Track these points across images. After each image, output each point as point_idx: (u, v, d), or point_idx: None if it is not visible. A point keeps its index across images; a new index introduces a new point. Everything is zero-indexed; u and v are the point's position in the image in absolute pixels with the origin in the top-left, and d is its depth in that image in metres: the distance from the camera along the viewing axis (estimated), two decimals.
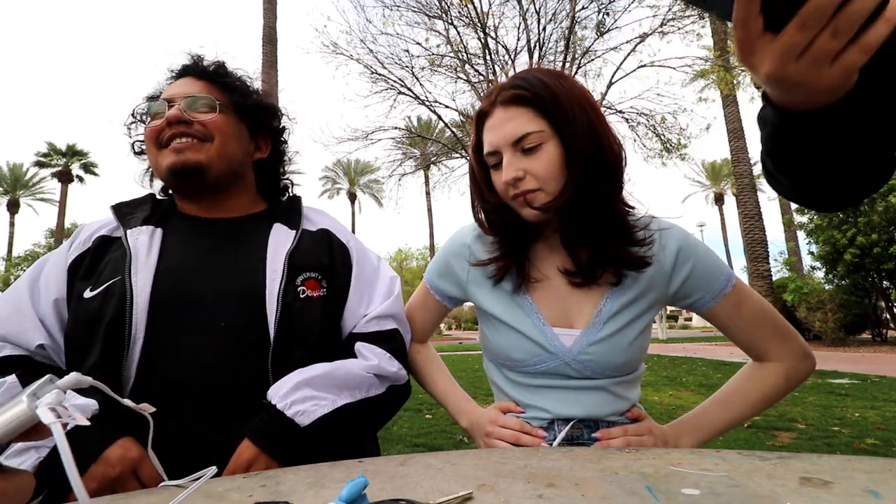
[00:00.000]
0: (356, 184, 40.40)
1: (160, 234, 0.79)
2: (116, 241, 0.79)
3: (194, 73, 0.87)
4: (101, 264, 0.77)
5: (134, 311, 0.69)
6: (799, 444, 3.02)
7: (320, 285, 0.80)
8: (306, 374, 0.71)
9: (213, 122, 0.82)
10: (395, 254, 44.89)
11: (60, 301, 0.75)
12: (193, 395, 0.69)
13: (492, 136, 0.76)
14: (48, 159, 32.55)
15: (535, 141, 0.73)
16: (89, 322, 0.70)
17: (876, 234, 10.30)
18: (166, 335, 0.70)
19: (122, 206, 0.86)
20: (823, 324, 11.40)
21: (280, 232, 0.83)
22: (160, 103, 0.82)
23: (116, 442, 0.62)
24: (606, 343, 0.77)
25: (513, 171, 0.73)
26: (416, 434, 3.50)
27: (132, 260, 0.74)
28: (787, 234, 21.71)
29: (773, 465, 0.48)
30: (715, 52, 10.41)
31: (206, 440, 0.67)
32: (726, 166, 39.62)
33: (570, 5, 9.40)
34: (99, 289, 0.72)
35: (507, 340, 0.83)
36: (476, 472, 0.48)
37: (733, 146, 14.56)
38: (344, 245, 0.89)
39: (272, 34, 11.36)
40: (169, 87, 0.85)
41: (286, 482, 0.47)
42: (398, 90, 10.38)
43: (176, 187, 0.86)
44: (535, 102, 0.73)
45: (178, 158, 0.79)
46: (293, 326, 0.74)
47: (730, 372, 7.06)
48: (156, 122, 0.81)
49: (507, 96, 0.74)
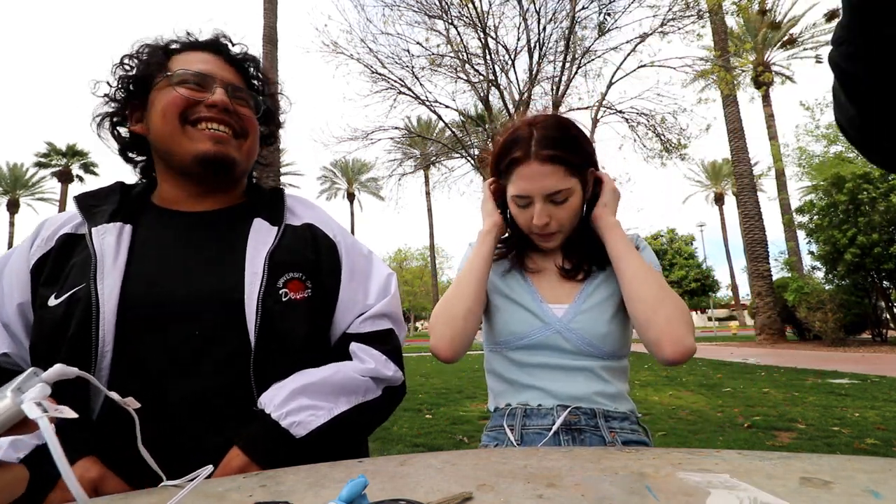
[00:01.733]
0: (354, 182, 40.41)
1: (129, 232, 0.72)
2: (81, 241, 0.71)
3: (228, 57, 0.81)
4: (66, 267, 0.70)
5: (101, 322, 0.63)
6: (799, 444, 3.02)
7: (304, 286, 0.74)
8: (302, 381, 0.67)
9: (251, 120, 0.79)
10: (395, 254, 44.92)
11: (25, 305, 0.69)
12: (169, 408, 0.64)
13: (528, 185, 0.87)
14: (48, 159, 32.58)
15: (565, 196, 0.87)
16: (53, 333, 0.64)
17: (876, 234, 10.30)
18: (137, 346, 0.65)
19: (87, 196, 0.76)
20: (823, 324, 11.39)
21: (261, 228, 0.77)
22: (198, 76, 0.75)
23: (76, 463, 0.58)
24: (590, 314, 0.91)
25: (545, 219, 0.88)
26: (416, 434, 3.51)
27: (98, 264, 0.67)
28: (787, 234, 21.72)
29: (773, 465, 0.48)
30: (715, 52, 10.41)
31: (183, 453, 0.62)
32: (726, 166, 39.65)
33: (570, 5, 9.40)
34: (63, 296, 0.66)
35: (508, 314, 0.94)
36: (476, 472, 0.48)
37: (733, 146, 14.57)
38: (330, 240, 0.82)
39: (272, 34, 11.36)
40: (197, 58, 0.78)
41: (286, 482, 0.47)
42: (398, 90, 10.39)
43: (191, 173, 0.77)
44: (568, 163, 0.85)
45: (217, 149, 0.74)
46: (275, 333, 0.69)
47: (730, 372, 7.09)
48: (190, 93, 0.73)
49: (545, 154, 0.85)
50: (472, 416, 4.17)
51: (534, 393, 0.89)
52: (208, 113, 0.74)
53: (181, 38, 0.81)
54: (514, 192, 0.89)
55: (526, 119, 0.91)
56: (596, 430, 0.85)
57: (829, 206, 11.37)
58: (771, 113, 23.10)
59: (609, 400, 0.88)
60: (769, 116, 23.09)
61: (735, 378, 6.38)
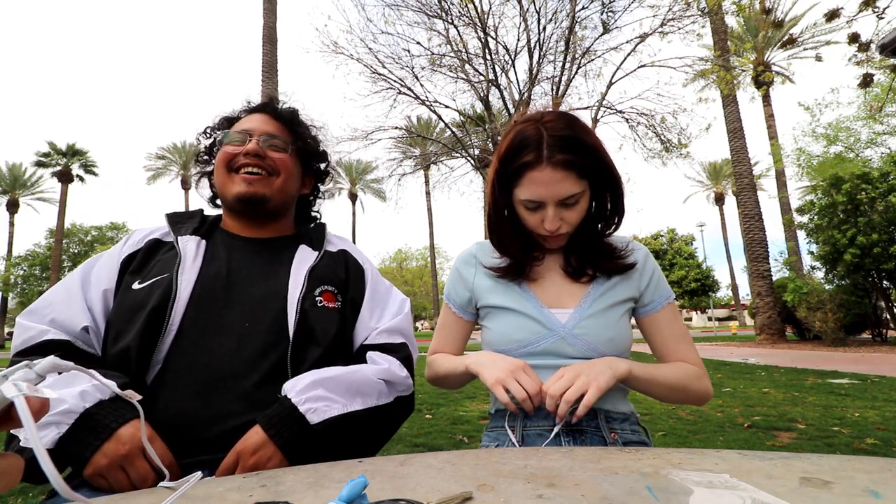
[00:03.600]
0: (358, 182, 40.38)
1: (204, 245, 0.90)
2: (167, 245, 0.89)
3: (273, 113, 0.99)
4: (151, 262, 0.86)
5: (176, 304, 0.77)
6: (799, 444, 3.02)
7: (336, 298, 0.89)
8: (321, 375, 0.75)
9: (282, 161, 0.94)
10: (395, 254, 44.93)
11: (109, 291, 0.83)
12: (214, 385, 0.74)
13: (538, 191, 0.85)
14: (48, 159, 32.56)
15: (577, 199, 0.86)
16: (133, 308, 0.78)
17: (876, 234, 10.29)
18: (198, 330, 0.78)
19: (175, 216, 0.96)
20: (823, 324, 11.39)
21: (305, 251, 0.94)
22: (241, 134, 0.93)
23: (130, 422, 0.65)
24: (596, 318, 0.90)
25: (556, 223, 0.87)
26: (416, 434, 3.50)
27: (181, 261, 0.83)
28: (787, 234, 21.72)
29: (773, 465, 0.48)
30: (715, 52, 10.41)
31: (221, 427, 0.72)
32: (726, 166, 39.67)
33: (570, 5, 9.40)
34: (147, 282, 0.81)
35: (509, 324, 0.93)
36: (476, 472, 0.48)
37: (733, 146, 14.56)
38: (360, 265, 0.98)
39: (272, 34, 11.37)
40: (247, 119, 0.97)
41: (286, 482, 0.47)
42: (398, 90, 10.38)
43: (237, 210, 0.95)
44: (580, 168, 0.84)
45: (248, 189, 0.90)
46: (310, 328, 0.82)
47: (730, 372, 7.09)
48: (232, 148, 0.92)
49: (558, 160, 0.82)
50: (472, 416, 4.17)
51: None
52: (245, 160, 0.91)
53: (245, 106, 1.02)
54: (525, 196, 0.86)
55: (531, 115, 0.88)
56: (597, 431, 0.85)
57: (829, 206, 11.37)
58: (771, 113, 23.10)
59: (610, 400, 0.88)
60: (769, 116, 23.09)
61: (735, 378, 6.38)
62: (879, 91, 11.75)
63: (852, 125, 14.29)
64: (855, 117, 14.14)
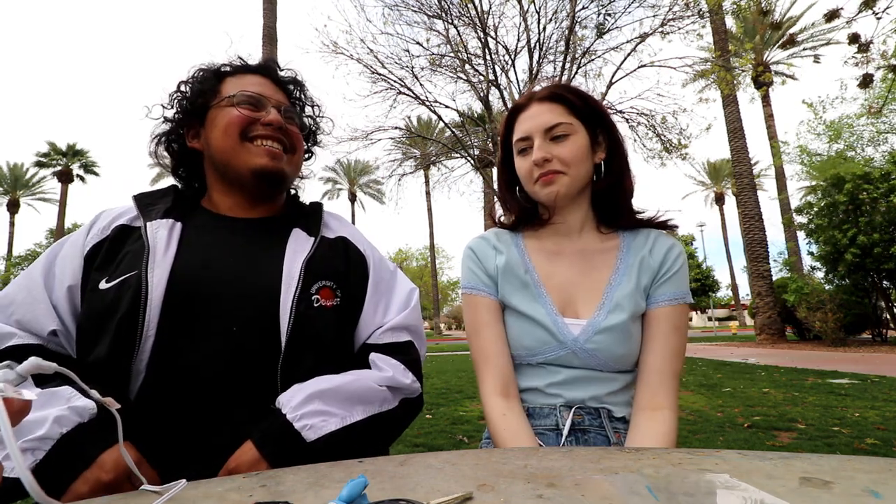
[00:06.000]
0: (356, 183, 40.39)
1: (179, 228, 0.78)
2: (135, 232, 0.77)
3: (276, 79, 0.90)
4: (118, 255, 0.75)
5: (148, 308, 0.68)
6: (799, 444, 3.02)
7: (334, 294, 0.80)
8: (320, 386, 0.69)
9: (298, 137, 0.88)
10: (396, 254, 44.93)
11: (74, 288, 0.74)
12: (201, 395, 0.68)
13: (526, 125, 0.86)
14: (48, 159, 32.56)
15: (565, 131, 0.84)
16: (102, 314, 0.69)
17: (877, 234, 10.29)
18: (178, 334, 0.69)
19: (144, 196, 0.84)
20: (823, 324, 11.38)
21: (299, 237, 0.83)
22: (254, 97, 0.83)
23: (114, 446, 0.60)
24: (608, 333, 0.84)
25: (542, 153, 0.84)
26: (416, 434, 3.50)
27: (150, 254, 0.72)
28: (787, 234, 21.72)
29: (773, 465, 0.48)
30: (715, 52, 10.40)
31: (208, 440, 0.67)
32: (726, 166, 39.62)
33: (570, 5, 9.39)
34: (114, 281, 0.71)
35: (521, 329, 0.89)
36: (476, 472, 0.48)
37: (733, 146, 14.56)
38: (361, 253, 0.88)
39: (272, 34, 11.36)
40: (249, 81, 0.86)
41: (286, 482, 0.47)
42: (398, 90, 10.37)
43: (244, 184, 0.83)
44: (569, 102, 0.84)
45: (272, 164, 0.81)
46: (305, 335, 0.73)
47: (730, 372, 7.09)
48: (249, 112, 0.82)
49: (544, 94, 0.85)
50: (472, 416, 4.16)
51: (537, 394, 0.88)
52: (264, 131, 0.82)
53: (233, 62, 0.90)
54: (516, 137, 0.87)
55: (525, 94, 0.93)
56: (601, 431, 0.84)
57: (830, 206, 11.37)
58: (771, 113, 23.11)
59: (614, 400, 0.87)
60: (769, 116, 23.09)
61: (735, 378, 6.38)
62: (884, 87, 11.74)
63: (855, 122, 14.24)
64: (857, 115, 14.10)
